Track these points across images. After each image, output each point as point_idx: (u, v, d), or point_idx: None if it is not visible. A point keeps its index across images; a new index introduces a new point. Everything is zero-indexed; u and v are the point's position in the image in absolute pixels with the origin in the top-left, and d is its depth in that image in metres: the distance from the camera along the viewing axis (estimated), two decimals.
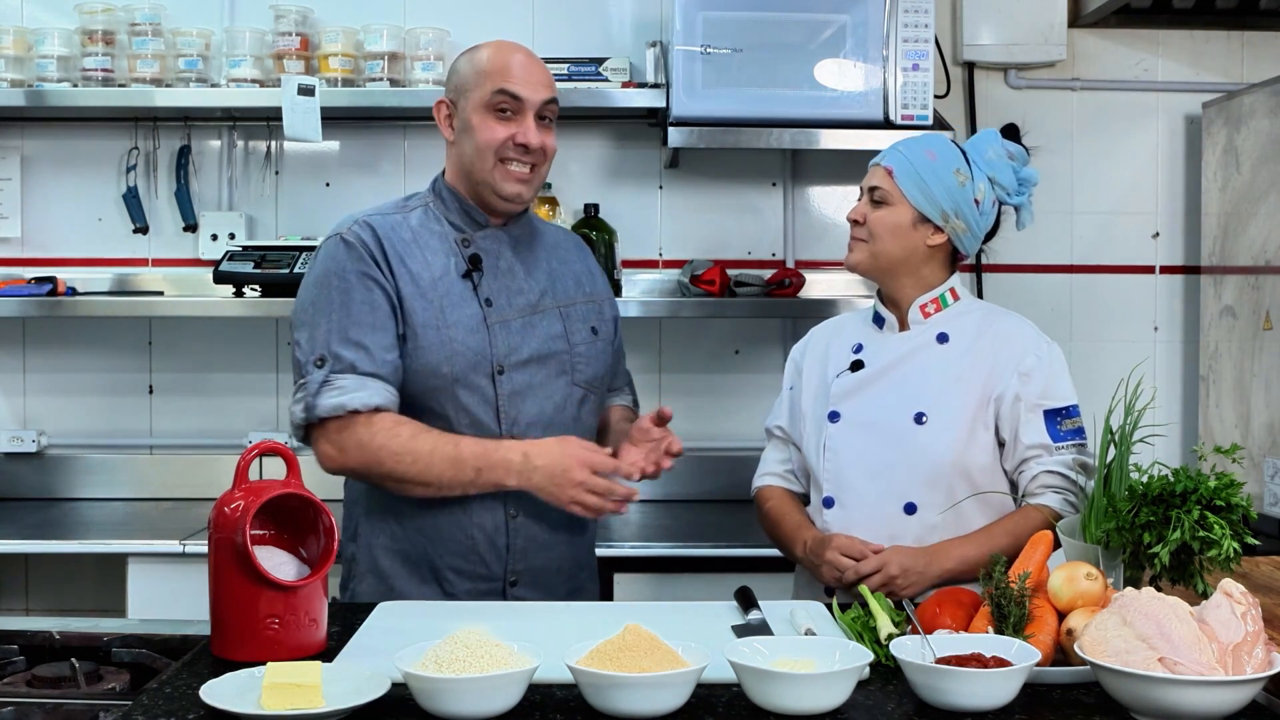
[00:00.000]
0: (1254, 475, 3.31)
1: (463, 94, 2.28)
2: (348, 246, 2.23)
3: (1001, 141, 2.34)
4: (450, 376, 2.21)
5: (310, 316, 2.22)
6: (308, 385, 2.18)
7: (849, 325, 2.43)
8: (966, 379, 2.26)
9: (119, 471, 3.70)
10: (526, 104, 2.25)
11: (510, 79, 2.25)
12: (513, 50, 2.29)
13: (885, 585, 2.11)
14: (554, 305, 2.33)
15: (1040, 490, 2.23)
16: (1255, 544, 1.88)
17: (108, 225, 3.73)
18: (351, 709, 1.55)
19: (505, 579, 2.25)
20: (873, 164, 2.35)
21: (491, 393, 2.23)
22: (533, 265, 2.34)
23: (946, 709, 1.58)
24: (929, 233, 2.28)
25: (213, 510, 1.83)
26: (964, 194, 2.27)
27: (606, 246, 3.55)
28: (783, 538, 2.36)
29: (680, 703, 1.58)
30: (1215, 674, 1.52)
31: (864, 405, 2.29)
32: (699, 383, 3.78)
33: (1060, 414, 2.24)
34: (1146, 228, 3.85)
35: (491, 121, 2.24)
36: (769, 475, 2.46)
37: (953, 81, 3.76)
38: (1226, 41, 3.82)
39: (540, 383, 2.27)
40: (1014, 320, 2.35)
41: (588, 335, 2.36)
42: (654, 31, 3.69)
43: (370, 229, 2.25)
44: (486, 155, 2.24)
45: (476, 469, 2.15)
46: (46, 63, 3.51)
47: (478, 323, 2.24)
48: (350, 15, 3.59)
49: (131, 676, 1.89)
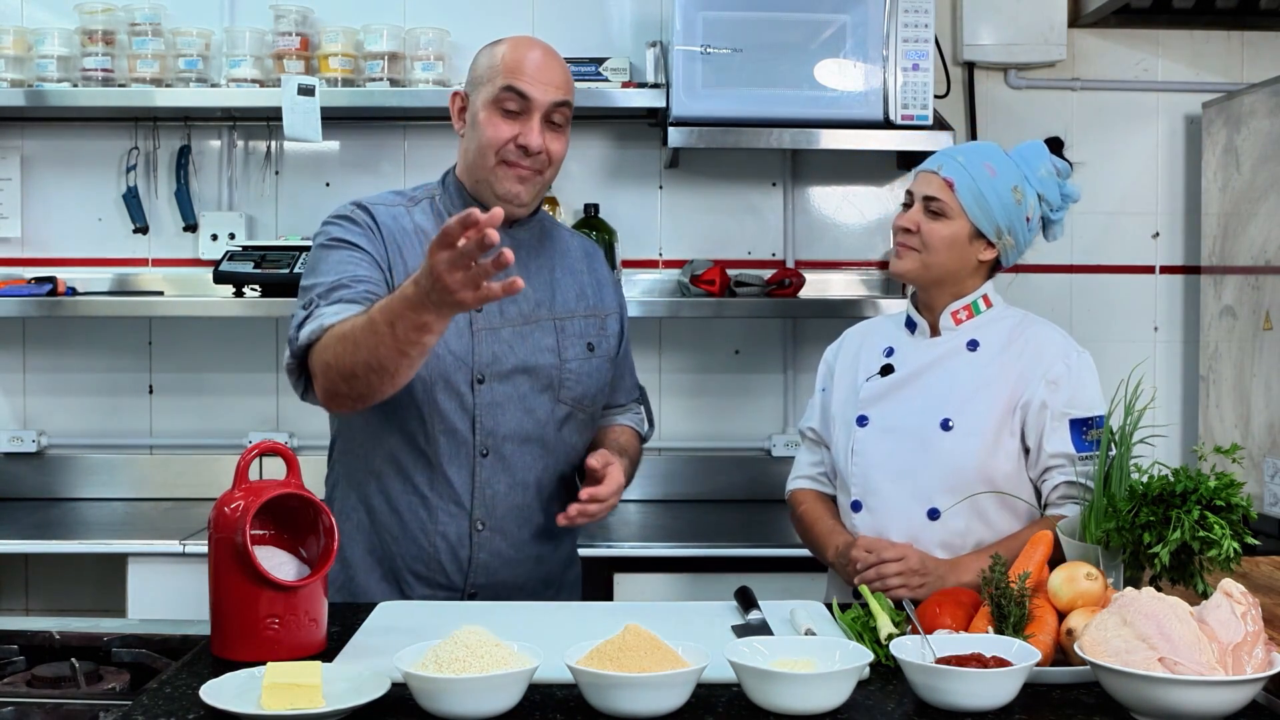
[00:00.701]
0: (1254, 475, 3.31)
1: (476, 87, 2.23)
2: (350, 218, 2.22)
3: (1049, 156, 2.33)
4: (428, 380, 2.16)
5: (307, 272, 2.20)
6: (296, 317, 2.10)
7: (881, 328, 2.43)
8: (994, 386, 2.26)
9: (119, 471, 3.70)
10: (534, 104, 2.18)
11: (521, 76, 2.18)
12: (530, 47, 2.23)
13: (903, 577, 2.11)
14: (549, 317, 2.26)
15: (1061, 501, 2.23)
16: (1255, 544, 1.88)
17: (108, 225, 3.73)
18: (351, 709, 1.55)
19: (465, 590, 2.21)
20: (925, 170, 2.31)
21: (470, 401, 2.18)
22: (535, 272, 2.26)
23: (946, 709, 1.58)
24: (982, 248, 2.29)
25: (213, 510, 1.83)
26: (1019, 212, 2.28)
27: (606, 246, 3.55)
28: (815, 542, 2.37)
29: (680, 703, 1.58)
30: (1215, 674, 1.52)
31: (892, 410, 2.29)
32: (699, 383, 3.78)
33: (1086, 424, 2.23)
34: (1146, 228, 3.85)
35: (497, 119, 2.19)
36: (802, 478, 2.47)
37: (953, 81, 3.76)
38: (1226, 41, 3.82)
39: (521, 396, 2.21)
40: (1046, 328, 2.35)
41: (581, 351, 2.28)
42: (654, 31, 3.69)
43: (371, 213, 2.23)
44: (487, 154, 2.20)
45: (388, 322, 1.88)
46: (46, 63, 3.51)
47: (463, 328, 2.18)
48: (350, 15, 3.59)
49: (131, 676, 1.88)
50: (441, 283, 1.78)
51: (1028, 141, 2.37)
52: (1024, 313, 2.39)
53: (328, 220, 2.26)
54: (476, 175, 2.23)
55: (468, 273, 1.77)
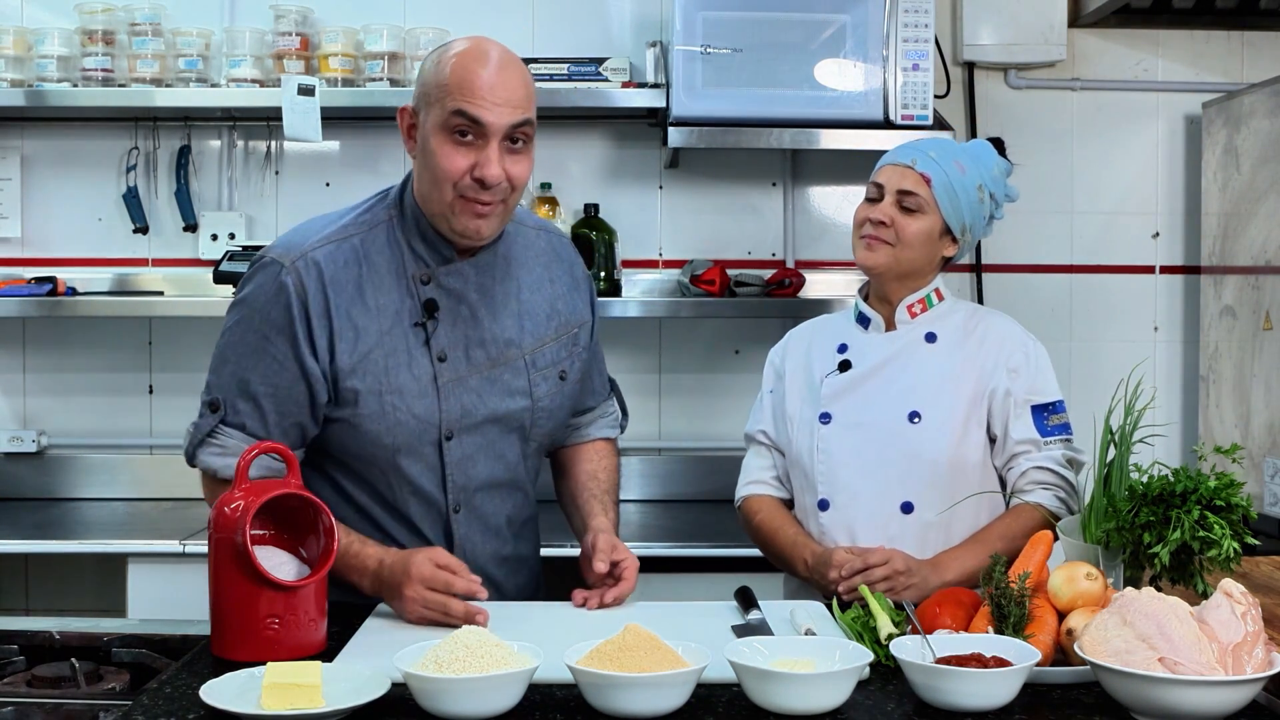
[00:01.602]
0: (1254, 475, 3.31)
1: (424, 105, 1.99)
2: (284, 293, 1.99)
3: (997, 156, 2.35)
4: (392, 448, 2.03)
5: (223, 348, 2.06)
6: (199, 426, 2.04)
7: (828, 326, 2.43)
8: (959, 377, 2.27)
9: (119, 471, 3.70)
10: (490, 129, 1.93)
11: (472, 98, 1.93)
12: (480, 60, 1.95)
13: (889, 580, 2.11)
14: (519, 355, 2.11)
15: (1030, 487, 2.24)
16: (1255, 544, 1.88)
17: (108, 225, 3.73)
18: (351, 709, 1.55)
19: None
20: (897, 163, 2.31)
21: (437, 461, 2.06)
22: (501, 304, 2.10)
23: (946, 709, 1.58)
24: (947, 244, 2.31)
25: (213, 510, 1.84)
26: (981, 209, 2.30)
27: (606, 246, 3.55)
28: (779, 553, 2.32)
29: (680, 703, 1.58)
30: (1215, 674, 1.52)
31: (856, 406, 2.29)
32: (699, 383, 3.78)
33: (1047, 409, 2.26)
34: (1146, 228, 3.84)
35: (449, 147, 1.95)
36: (756, 484, 2.41)
37: (953, 81, 3.76)
38: (1226, 41, 3.82)
39: (491, 442, 2.10)
40: (999, 318, 2.37)
41: (554, 385, 2.16)
42: (654, 31, 3.69)
43: (316, 271, 2.00)
44: (443, 187, 1.96)
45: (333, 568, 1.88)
46: (46, 63, 3.50)
47: (426, 384, 2.03)
48: (350, 15, 3.59)
49: (131, 676, 1.88)
50: (400, 607, 1.95)
51: (975, 140, 2.40)
52: (973, 304, 2.44)
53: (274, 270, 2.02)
54: (432, 209, 2.02)
55: (427, 608, 1.92)
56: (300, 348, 2.00)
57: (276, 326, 2.01)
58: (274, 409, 2.02)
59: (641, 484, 3.71)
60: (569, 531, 2.31)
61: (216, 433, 2.03)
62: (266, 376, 2.01)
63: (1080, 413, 2.29)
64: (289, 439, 2.01)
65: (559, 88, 3.48)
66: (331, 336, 2.01)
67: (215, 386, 2.05)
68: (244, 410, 2.02)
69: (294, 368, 2.00)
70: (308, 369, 2.00)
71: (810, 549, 2.25)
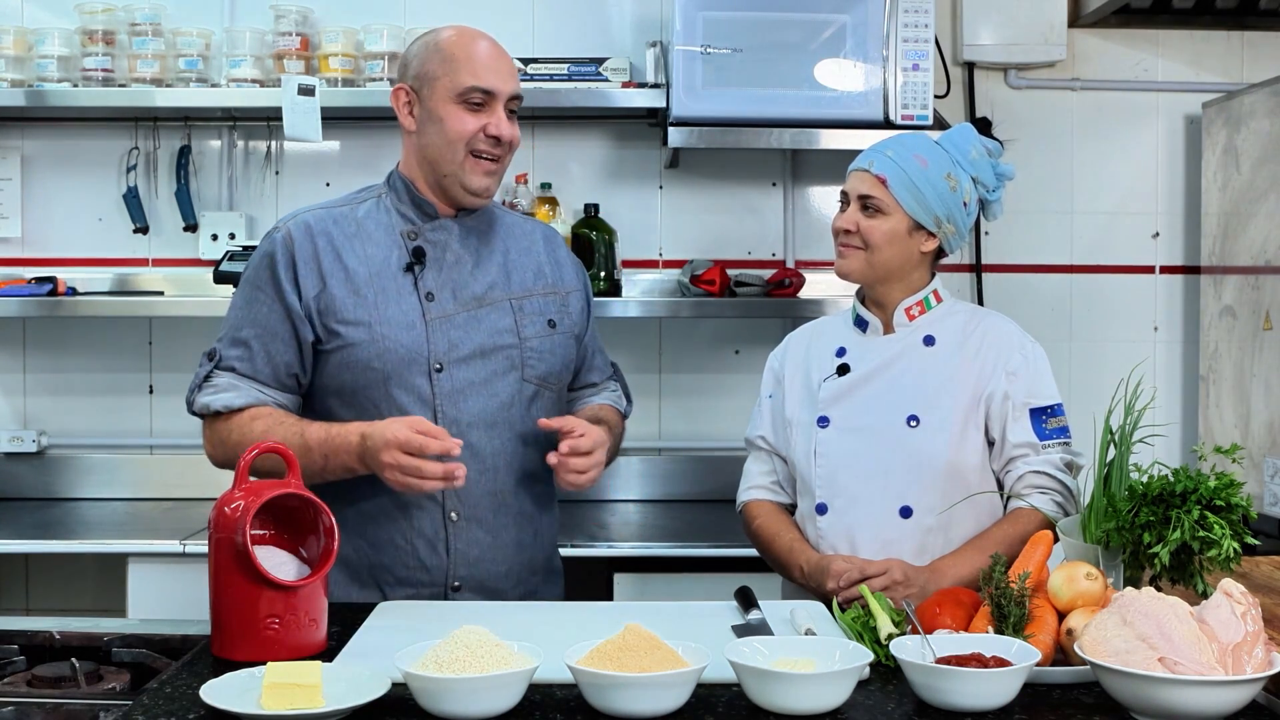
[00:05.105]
0: (1254, 475, 3.31)
1: (427, 83, 2.22)
2: (273, 248, 2.22)
3: (979, 138, 2.33)
4: (382, 373, 2.17)
5: (226, 313, 2.27)
6: (196, 376, 2.23)
7: (827, 329, 2.42)
8: (957, 380, 2.26)
9: (119, 471, 3.70)
10: (498, 96, 2.20)
11: (482, 73, 2.19)
12: (476, 38, 2.23)
13: (889, 590, 2.10)
14: (504, 297, 2.26)
15: (1027, 490, 2.24)
16: (1255, 544, 1.88)
17: (108, 225, 3.73)
18: (351, 709, 1.55)
19: (448, 585, 2.19)
20: (857, 168, 2.31)
21: (429, 391, 2.17)
22: (485, 256, 2.28)
23: (946, 709, 1.58)
24: (923, 239, 2.28)
25: (213, 510, 1.84)
26: (955, 198, 2.27)
27: (606, 246, 3.55)
28: (777, 558, 2.32)
29: (680, 703, 1.58)
30: (1215, 674, 1.52)
31: (854, 409, 2.28)
32: (699, 383, 3.78)
33: (1045, 412, 2.25)
34: (1146, 228, 3.85)
35: (462, 113, 2.19)
36: (755, 489, 2.42)
37: (953, 81, 3.76)
38: (1226, 41, 3.82)
39: (485, 379, 2.20)
40: (999, 320, 2.36)
41: (543, 329, 2.27)
42: (654, 31, 3.69)
43: (305, 227, 2.23)
44: (458, 147, 2.20)
45: (324, 455, 2.09)
46: (46, 63, 3.51)
47: (415, 318, 2.19)
48: (350, 15, 3.60)
49: (131, 676, 1.88)
50: (379, 471, 2.03)
51: (955, 126, 2.38)
52: (973, 306, 2.42)
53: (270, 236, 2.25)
54: (442, 170, 2.23)
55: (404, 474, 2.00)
56: (284, 287, 2.19)
57: (268, 278, 2.22)
58: (261, 349, 2.20)
59: (641, 484, 3.71)
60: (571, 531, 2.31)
61: (209, 379, 2.22)
62: (255, 320, 2.21)
63: (1080, 413, 2.29)
64: (278, 377, 2.20)
65: (559, 88, 3.49)
66: (321, 275, 2.20)
67: (217, 335, 2.25)
68: (234, 355, 2.21)
69: (279, 307, 2.19)
70: (290, 306, 2.19)
71: (806, 555, 2.24)
